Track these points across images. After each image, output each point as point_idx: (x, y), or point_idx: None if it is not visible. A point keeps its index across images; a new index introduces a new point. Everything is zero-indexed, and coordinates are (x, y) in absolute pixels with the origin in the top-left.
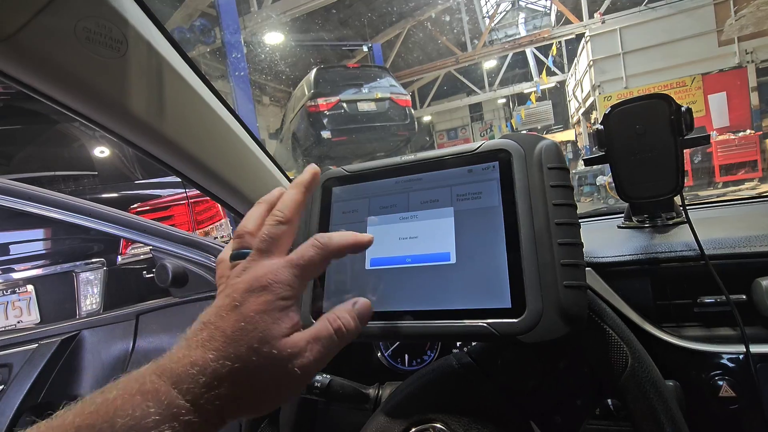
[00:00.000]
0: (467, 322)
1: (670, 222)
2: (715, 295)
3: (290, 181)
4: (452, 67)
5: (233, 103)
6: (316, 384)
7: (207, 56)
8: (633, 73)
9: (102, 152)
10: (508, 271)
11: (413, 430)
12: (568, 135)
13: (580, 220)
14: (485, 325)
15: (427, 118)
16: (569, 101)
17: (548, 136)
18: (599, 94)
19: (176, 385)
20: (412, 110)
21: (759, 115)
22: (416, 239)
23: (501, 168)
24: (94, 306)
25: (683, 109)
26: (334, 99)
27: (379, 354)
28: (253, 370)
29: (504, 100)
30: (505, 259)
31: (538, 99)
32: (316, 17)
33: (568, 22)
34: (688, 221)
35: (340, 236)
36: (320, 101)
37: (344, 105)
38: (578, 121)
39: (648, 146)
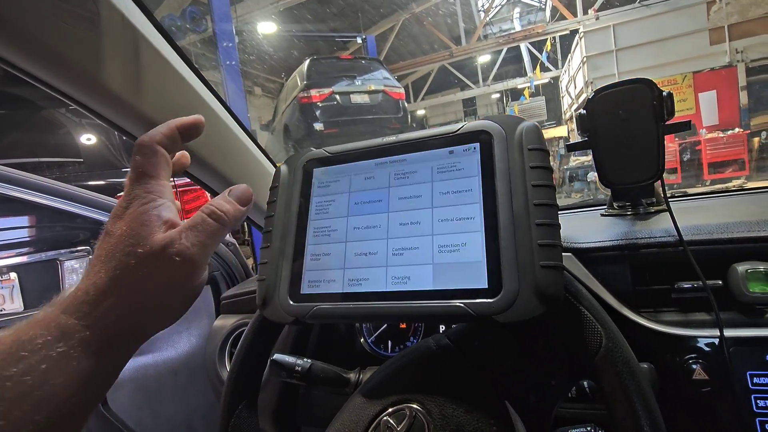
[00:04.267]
0: (443, 302)
1: (652, 210)
2: (693, 280)
3: (275, 165)
4: (446, 60)
5: (224, 93)
6: (296, 368)
7: (198, 45)
8: (626, 70)
9: (89, 139)
10: (486, 252)
11: (390, 410)
12: (561, 131)
13: (567, 212)
14: (461, 305)
15: (420, 112)
16: (562, 97)
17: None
18: (592, 90)
19: (65, 310)
20: (406, 103)
21: (747, 114)
22: (396, 219)
23: (482, 149)
24: None
25: (665, 94)
26: (327, 90)
27: (362, 340)
28: (132, 274)
29: (498, 96)
30: (483, 239)
31: (532, 95)
32: (309, 7)
33: (562, 17)
34: (668, 207)
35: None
36: (313, 92)
37: (337, 97)
38: (571, 117)
39: (630, 132)
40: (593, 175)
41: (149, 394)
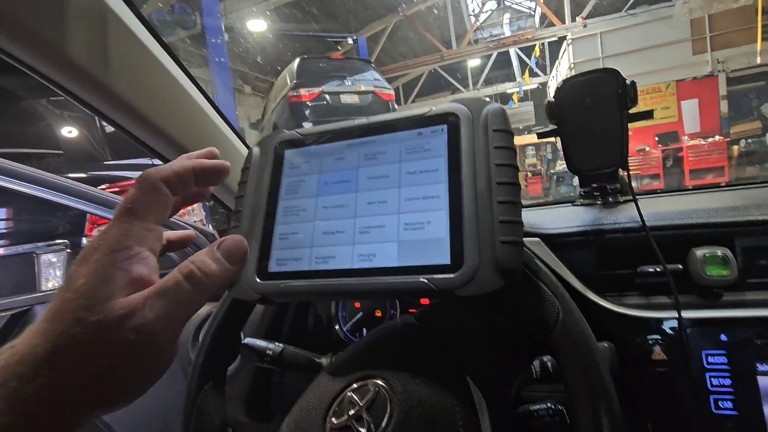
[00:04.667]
0: (407, 277)
1: (621, 199)
2: (655, 264)
3: (244, 142)
4: (437, 64)
5: (212, 90)
6: (268, 352)
7: (187, 41)
8: None
9: (69, 132)
10: (449, 229)
11: (354, 386)
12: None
13: (545, 207)
14: (424, 280)
15: None
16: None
17: (528, 136)
18: None
19: None
20: (396, 105)
21: (728, 123)
22: (364, 198)
23: (449, 130)
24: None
25: (628, 83)
26: (316, 90)
27: (337, 327)
28: (78, 346)
29: (487, 100)
30: (447, 217)
31: (521, 99)
32: (300, 7)
33: (551, 24)
34: (633, 196)
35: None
36: (302, 91)
37: (327, 96)
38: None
39: (596, 119)
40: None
41: None
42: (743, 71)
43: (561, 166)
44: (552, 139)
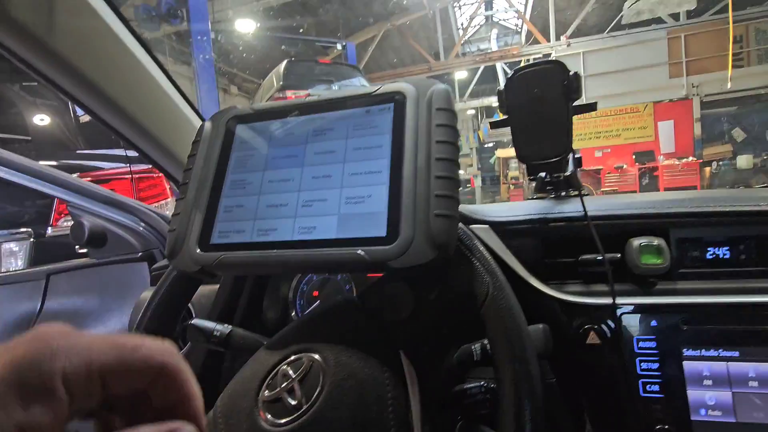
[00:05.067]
0: (344, 249)
1: (573, 193)
2: (596, 253)
3: (200, 116)
4: (425, 74)
5: (195, 87)
6: (215, 333)
7: (173, 38)
8: (592, 95)
9: (42, 120)
10: (388, 203)
11: (290, 358)
12: None
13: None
14: (359, 252)
15: None
16: None
17: (511, 149)
18: None
19: None
20: None
21: (701, 145)
22: (309, 173)
23: (395, 108)
24: None
25: (572, 74)
26: (302, 93)
27: (293, 314)
28: None
29: (473, 112)
30: (386, 191)
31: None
32: (291, 10)
33: (536, 42)
34: (578, 187)
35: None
36: (288, 94)
37: None
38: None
39: (544, 109)
40: None
41: None
42: (716, 96)
43: None
44: None
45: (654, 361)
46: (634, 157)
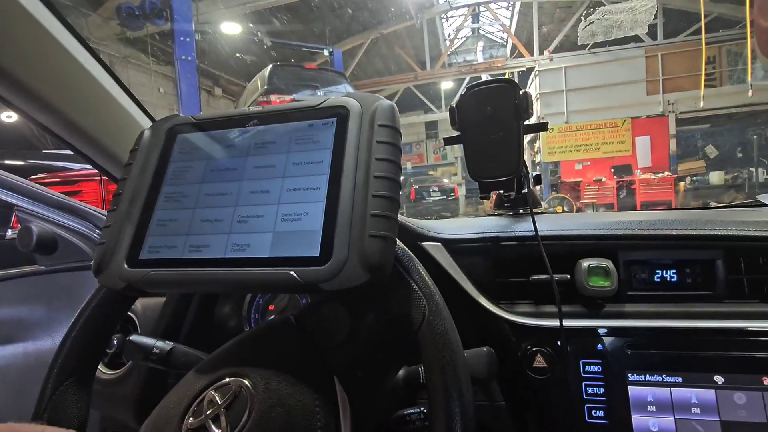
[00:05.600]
0: (276, 269)
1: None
2: (546, 274)
3: (152, 119)
4: (411, 83)
5: (177, 88)
6: (154, 350)
7: (156, 38)
8: (573, 109)
9: (9, 117)
10: (324, 221)
11: (218, 383)
12: None
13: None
14: (291, 272)
15: None
16: None
17: None
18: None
19: None
20: None
21: (676, 160)
22: (247, 187)
23: (338, 123)
24: None
25: (521, 93)
26: (287, 97)
27: (247, 329)
28: None
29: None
30: (323, 209)
31: None
32: (278, 15)
33: (521, 55)
34: (530, 207)
35: None
36: (273, 98)
37: None
38: (524, 148)
39: (495, 128)
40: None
41: (13, 390)
42: (690, 114)
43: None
44: (525, 158)
45: (599, 385)
46: (612, 170)
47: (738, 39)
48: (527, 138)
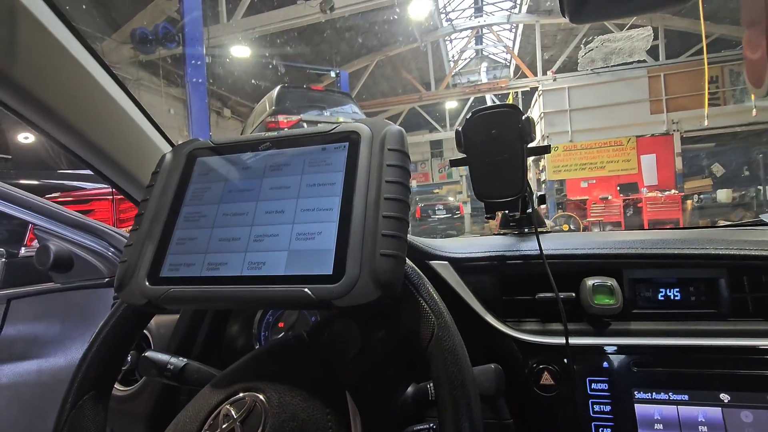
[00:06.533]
0: (291, 287)
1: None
2: (551, 292)
3: (171, 144)
4: (416, 103)
5: (187, 108)
6: (168, 366)
7: (168, 61)
8: (577, 128)
9: (26, 138)
10: (336, 241)
11: (234, 397)
12: None
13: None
14: (305, 290)
15: None
16: None
17: None
18: (547, 143)
19: None
20: None
21: (682, 179)
22: (263, 208)
23: (350, 147)
24: None
25: (524, 118)
26: (295, 118)
27: (257, 346)
28: None
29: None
30: (335, 229)
31: None
32: (285, 37)
33: (524, 75)
34: (535, 226)
35: None
36: (281, 118)
37: (304, 125)
38: (529, 167)
39: (500, 150)
40: (547, 222)
41: (28, 407)
42: (695, 132)
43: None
44: (530, 177)
45: (606, 403)
46: (618, 188)
47: (739, 59)
48: (532, 157)
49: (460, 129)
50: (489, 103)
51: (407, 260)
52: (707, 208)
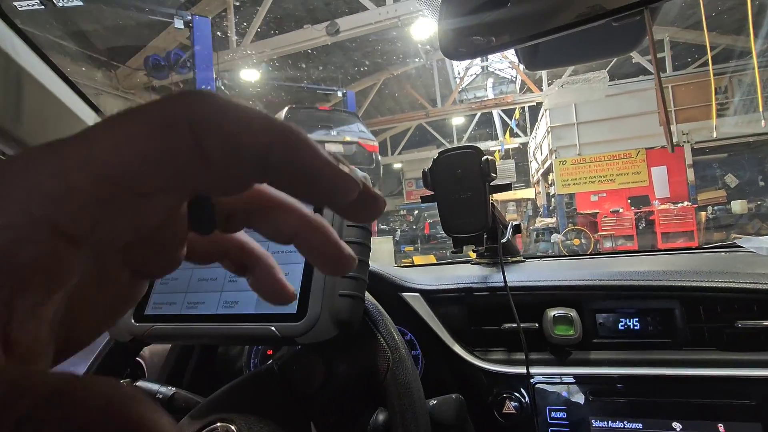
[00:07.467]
0: (260, 325)
1: (510, 260)
2: (515, 322)
3: None
4: (422, 120)
5: None
6: (157, 395)
7: (180, 86)
8: (586, 141)
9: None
10: (302, 281)
11: (206, 429)
12: (528, 193)
13: (443, 264)
14: (271, 328)
15: (397, 165)
16: (530, 162)
17: (510, 193)
18: (555, 158)
19: None
20: (379, 156)
21: (695, 190)
22: None
23: None
24: None
25: (484, 159)
26: None
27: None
28: None
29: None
30: (301, 269)
31: (502, 158)
32: (293, 60)
33: (530, 90)
34: (500, 259)
35: None
36: None
37: None
38: (537, 181)
39: (464, 188)
40: (557, 237)
41: None
42: (706, 143)
43: (540, 222)
44: (532, 196)
45: (565, 431)
46: (629, 201)
47: (746, 69)
48: (540, 170)
49: (426, 170)
50: (495, 119)
51: (369, 297)
52: (722, 220)
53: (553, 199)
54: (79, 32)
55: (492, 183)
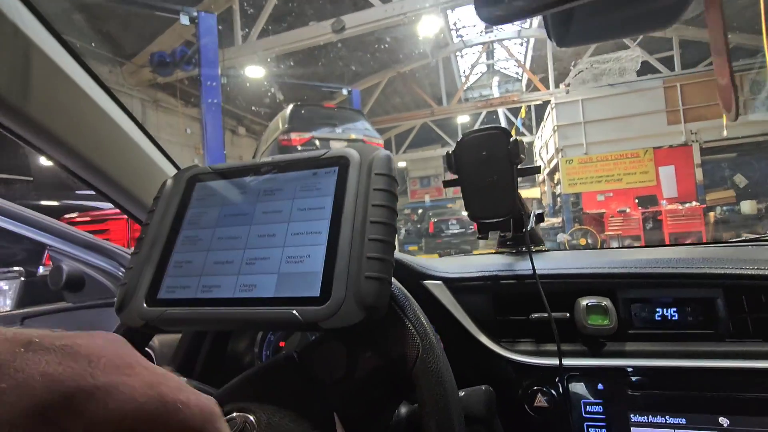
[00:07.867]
0: (279, 308)
1: (534, 249)
2: (545, 312)
3: (177, 167)
4: (428, 118)
5: (202, 128)
6: None
7: (185, 83)
8: (592, 140)
9: (46, 161)
10: (324, 264)
11: (224, 417)
12: (534, 192)
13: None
14: (293, 311)
15: (402, 164)
16: (536, 161)
17: (531, 189)
18: (562, 157)
19: None
20: None
21: (703, 190)
22: (256, 231)
23: (339, 172)
24: None
25: (513, 140)
26: (307, 135)
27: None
28: None
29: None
30: (323, 252)
31: None
32: (298, 57)
33: (536, 89)
34: (527, 245)
35: None
36: (293, 136)
37: (316, 142)
38: (543, 180)
39: (491, 171)
40: (563, 236)
41: None
42: (715, 143)
43: (546, 223)
44: (537, 196)
45: (602, 426)
46: (636, 201)
47: (759, 68)
48: (546, 169)
49: (450, 152)
50: (501, 117)
51: (395, 281)
52: (731, 220)
53: (559, 199)
54: (84, 29)
55: (520, 166)
